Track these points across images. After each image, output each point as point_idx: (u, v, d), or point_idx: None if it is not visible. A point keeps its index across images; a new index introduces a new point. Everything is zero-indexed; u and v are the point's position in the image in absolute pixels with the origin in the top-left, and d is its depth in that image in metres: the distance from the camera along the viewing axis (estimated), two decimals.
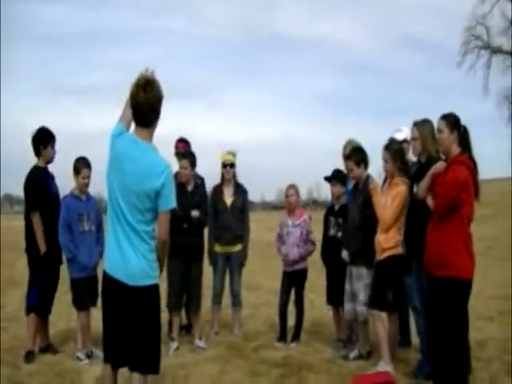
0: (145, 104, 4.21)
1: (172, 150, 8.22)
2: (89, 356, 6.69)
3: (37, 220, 6.75)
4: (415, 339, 6.81)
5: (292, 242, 7.60)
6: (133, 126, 4.38)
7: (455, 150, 5.42)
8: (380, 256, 6.23)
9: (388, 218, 6.14)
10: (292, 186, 7.80)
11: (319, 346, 7.33)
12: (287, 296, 7.71)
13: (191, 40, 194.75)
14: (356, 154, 6.91)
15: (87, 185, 6.93)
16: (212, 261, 8.13)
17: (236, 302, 8.19)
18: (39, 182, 6.86)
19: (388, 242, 6.16)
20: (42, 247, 6.74)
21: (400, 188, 6.17)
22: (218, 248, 8.09)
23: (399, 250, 6.17)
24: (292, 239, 7.61)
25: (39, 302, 6.81)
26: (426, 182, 5.59)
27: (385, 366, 6.04)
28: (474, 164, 5.43)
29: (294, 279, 7.68)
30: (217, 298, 8.12)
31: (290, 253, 7.60)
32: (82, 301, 6.81)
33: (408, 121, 6.50)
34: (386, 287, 6.18)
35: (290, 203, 7.75)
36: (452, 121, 5.45)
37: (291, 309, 7.75)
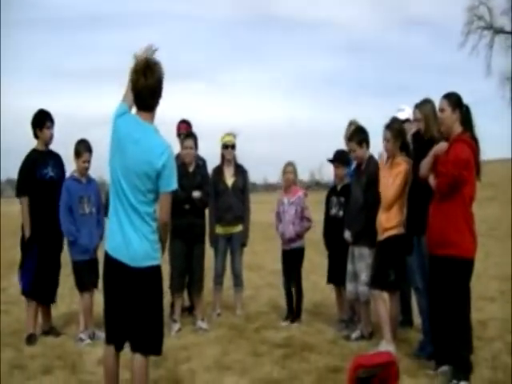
0: (145, 90, 4.23)
1: (173, 131, 8.20)
2: (91, 337, 6.71)
3: (24, 204, 6.74)
4: (417, 319, 6.83)
5: (288, 219, 7.63)
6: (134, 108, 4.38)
7: (457, 129, 5.39)
8: (382, 236, 6.22)
9: (390, 196, 6.13)
10: (290, 164, 7.80)
11: (321, 326, 7.34)
12: (290, 274, 7.73)
13: (192, 21, 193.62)
14: (358, 135, 6.88)
15: (87, 168, 6.91)
16: (213, 242, 8.14)
17: (238, 282, 8.22)
18: (29, 166, 6.82)
19: (390, 221, 6.15)
20: (27, 232, 6.73)
21: (401, 167, 6.15)
22: (219, 229, 8.10)
23: (401, 230, 6.16)
24: (288, 217, 7.64)
25: (35, 288, 6.78)
26: (427, 161, 5.56)
27: (386, 345, 6.05)
28: (476, 143, 5.39)
29: (291, 258, 7.70)
30: (218, 279, 8.14)
31: (286, 231, 7.63)
32: (84, 283, 6.81)
33: (410, 100, 6.47)
34: (387, 267, 6.18)
35: (287, 179, 7.76)
36: (454, 100, 5.41)
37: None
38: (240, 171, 8.17)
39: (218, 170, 8.11)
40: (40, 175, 6.83)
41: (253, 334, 7.05)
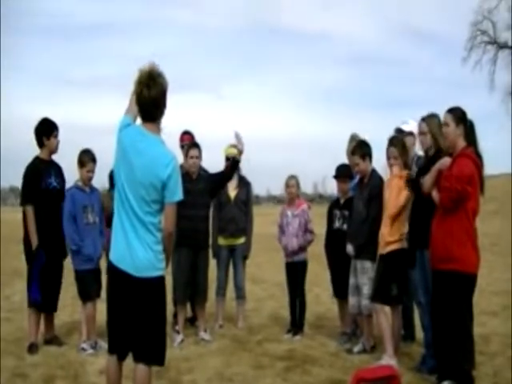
0: (149, 101, 4.25)
1: (176, 142, 8.24)
2: (93, 347, 6.71)
3: (29, 213, 6.72)
4: (419, 333, 6.82)
5: (291, 232, 7.63)
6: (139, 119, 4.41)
7: (461, 143, 5.41)
8: (384, 249, 6.23)
9: (393, 210, 6.14)
10: (293, 177, 7.81)
11: (323, 339, 7.33)
12: (294, 287, 7.72)
13: (196, 32, 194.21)
14: (361, 148, 6.89)
15: (91, 178, 6.95)
16: (215, 253, 8.15)
17: (240, 294, 8.22)
18: (34, 175, 6.80)
19: (392, 235, 6.16)
20: (34, 241, 6.69)
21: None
22: (221, 241, 8.12)
23: (403, 244, 6.18)
24: (291, 230, 7.63)
25: (43, 298, 6.77)
26: (431, 175, 5.58)
27: (388, 359, 6.04)
28: (480, 158, 5.41)
29: (294, 270, 7.69)
30: (221, 291, 8.15)
31: (289, 244, 7.63)
32: (87, 292, 6.81)
33: (413, 114, 6.49)
34: (390, 281, 6.18)
35: (290, 193, 7.77)
36: (458, 114, 5.44)
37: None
38: (243, 183, 8.19)
39: None
40: (45, 184, 6.83)
41: (255, 346, 7.04)
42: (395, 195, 6.17)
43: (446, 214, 5.30)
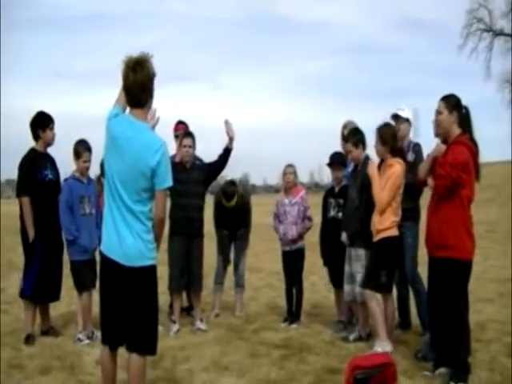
0: (135, 85, 4.23)
1: (171, 132, 8.21)
2: (89, 338, 6.71)
3: (26, 205, 6.70)
4: (415, 320, 6.85)
5: (290, 220, 7.62)
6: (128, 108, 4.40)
7: (455, 131, 5.39)
8: (375, 237, 6.24)
9: (383, 199, 6.12)
10: (290, 165, 7.79)
11: (319, 327, 7.35)
12: (291, 275, 7.73)
13: (193, 23, 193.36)
14: (354, 136, 6.87)
15: (88, 168, 6.92)
16: (219, 243, 8.27)
17: (240, 282, 8.28)
18: (30, 167, 6.79)
19: (382, 223, 6.16)
20: (31, 233, 6.69)
21: (393, 169, 6.14)
22: (222, 231, 8.22)
23: (394, 232, 6.18)
24: (290, 218, 7.62)
25: (35, 290, 6.77)
26: (426, 163, 5.57)
27: (382, 345, 6.05)
28: (475, 145, 5.40)
29: (293, 259, 7.70)
30: (219, 279, 8.20)
31: (288, 232, 7.62)
32: (82, 282, 6.81)
33: (409, 102, 6.47)
34: (379, 268, 6.19)
35: (287, 181, 7.75)
36: (452, 102, 5.41)
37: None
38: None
39: None
40: (40, 176, 6.82)
41: (251, 334, 7.05)
42: (384, 184, 6.15)
43: (441, 201, 5.29)
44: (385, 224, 6.15)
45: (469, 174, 5.24)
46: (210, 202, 7.93)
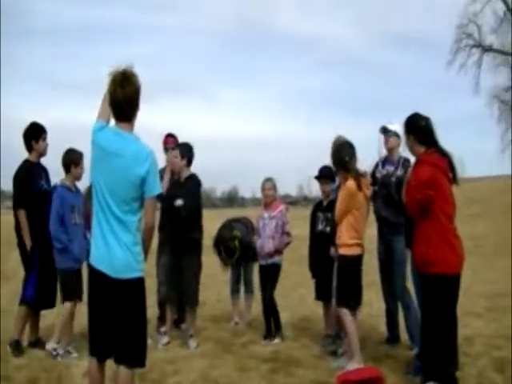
0: (123, 100, 4.25)
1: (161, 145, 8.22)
2: (61, 354, 6.58)
3: (22, 217, 6.73)
4: (404, 335, 6.86)
5: (268, 234, 7.54)
6: (113, 120, 4.40)
7: (419, 150, 5.45)
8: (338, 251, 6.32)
9: (336, 215, 6.24)
10: (269, 180, 7.75)
11: (307, 341, 7.34)
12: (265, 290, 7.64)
13: (185, 36, 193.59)
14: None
15: (82, 175, 6.88)
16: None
17: (248, 288, 8.65)
18: (26, 179, 6.81)
19: (340, 237, 6.23)
20: (28, 244, 6.71)
21: (345, 184, 6.21)
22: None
23: (353, 251, 6.22)
24: (268, 231, 7.55)
25: (36, 298, 6.78)
26: (404, 186, 5.58)
27: (356, 365, 5.99)
28: (443, 153, 5.41)
29: (267, 273, 7.60)
30: (234, 289, 8.69)
31: (264, 245, 7.53)
32: (69, 292, 6.74)
33: (398, 117, 6.50)
34: (343, 285, 6.22)
35: (266, 196, 7.70)
36: (406, 125, 5.56)
37: (281, 302, 7.83)
38: None
39: None
40: (37, 187, 6.85)
41: (240, 348, 7.05)
42: (338, 200, 6.26)
43: (419, 220, 5.34)
44: (342, 239, 6.19)
45: (438, 189, 5.24)
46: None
